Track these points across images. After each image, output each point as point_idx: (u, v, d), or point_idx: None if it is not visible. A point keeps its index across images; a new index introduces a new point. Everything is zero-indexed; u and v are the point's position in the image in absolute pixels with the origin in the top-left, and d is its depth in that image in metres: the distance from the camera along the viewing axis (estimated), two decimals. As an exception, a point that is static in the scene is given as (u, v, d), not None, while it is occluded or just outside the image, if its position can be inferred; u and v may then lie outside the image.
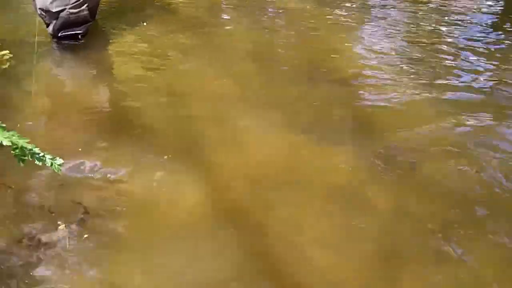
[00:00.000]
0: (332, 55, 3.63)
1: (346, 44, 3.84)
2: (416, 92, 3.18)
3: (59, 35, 3.56)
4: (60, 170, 1.62)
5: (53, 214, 2.18)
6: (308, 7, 4.41)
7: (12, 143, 1.52)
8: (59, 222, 2.13)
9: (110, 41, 3.75)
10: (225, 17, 4.38)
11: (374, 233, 2.22)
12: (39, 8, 3.49)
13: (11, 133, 1.54)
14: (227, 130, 2.82)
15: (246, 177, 2.48)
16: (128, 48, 3.63)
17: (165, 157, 2.56)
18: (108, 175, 2.42)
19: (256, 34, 3.95)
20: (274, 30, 4.04)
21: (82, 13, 3.53)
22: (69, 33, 3.57)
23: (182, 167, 2.50)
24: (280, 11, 4.32)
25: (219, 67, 3.42)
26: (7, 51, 3.30)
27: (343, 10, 4.35)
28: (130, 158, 2.57)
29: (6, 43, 3.40)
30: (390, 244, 2.19)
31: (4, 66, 3.19)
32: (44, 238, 2.07)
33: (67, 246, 2.04)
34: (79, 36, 3.61)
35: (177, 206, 2.29)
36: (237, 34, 3.96)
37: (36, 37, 3.09)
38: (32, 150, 1.57)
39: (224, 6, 4.57)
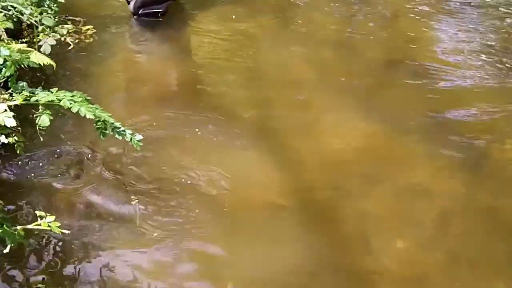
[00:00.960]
0: (411, 45, 3.52)
1: (426, 33, 3.71)
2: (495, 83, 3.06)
3: (140, 12, 3.63)
4: (140, 145, 1.67)
5: (127, 188, 2.25)
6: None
7: (95, 116, 1.57)
8: (132, 197, 2.20)
9: (190, 20, 3.77)
10: (307, 3, 4.32)
11: (459, 233, 2.17)
12: None
13: (94, 106, 1.60)
14: (304, 116, 2.80)
15: (320, 164, 2.48)
16: (207, 28, 3.64)
17: (240, 141, 2.58)
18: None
19: (337, 21, 3.88)
20: (354, 17, 3.95)
21: None
22: (149, 11, 3.63)
23: (257, 151, 2.51)
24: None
25: (299, 52, 3.39)
26: (91, 26, 3.41)
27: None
28: (206, 137, 2.59)
29: (90, 18, 3.51)
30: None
31: (88, 41, 3.30)
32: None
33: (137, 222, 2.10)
34: (159, 14, 3.67)
35: (251, 190, 2.31)
36: (318, 20, 3.90)
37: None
38: (113, 124, 1.62)
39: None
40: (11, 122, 1.38)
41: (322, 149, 2.56)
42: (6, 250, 1.58)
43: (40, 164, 2.32)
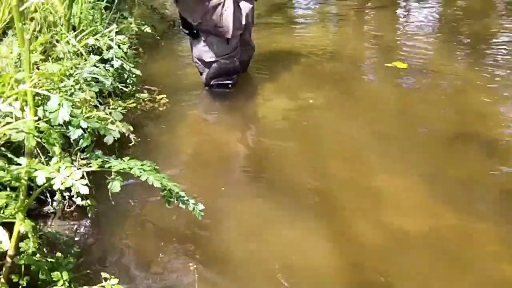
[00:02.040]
0: (482, 119, 3.47)
1: (497, 108, 3.65)
2: None
3: (211, 83, 3.83)
4: (201, 215, 1.74)
5: (187, 254, 2.31)
6: (455, 66, 4.32)
7: (162, 185, 1.66)
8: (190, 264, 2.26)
9: (257, 92, 3.95)
10: (368, 73, 4.40)
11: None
12: (195, 57, 3.80)
13: (162, 175, 1.69)
14: (366, 191, 2.77)
15: (381, 245, 2.41)
16: (273, 100, 3.79)
17: (297, 217, 2.59)
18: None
19: (403, 92, 3.93)
20: (421, 89, 3.98)
21: (232, 65, 3.78)
22: (220, 82, 3.83)
23: (315, 227, 2.50)
24: (424, 70, 4.26)
25: (359, 123, 3.44)
26: (164, 95, 3.63)
27: (493, 71, 4.17)
28: (263, 210, 2.64)
29: (164, 88, 3.74)
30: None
31: (161, 109, 3.51)
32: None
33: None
34: (229, 86, 3.85)
35: (307, 268, 2.28)
36: (380, 89, 3.96)
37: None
38: (178, 193, 1.71)
39: (368, 62, 4.62)
40: (85, 190, 1.49)
41: (384, 228, 2.50)
42: (73, 308, 1.67)
43: (109, 225, 2.43)
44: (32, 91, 1.58)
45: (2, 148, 2.14)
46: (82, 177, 1.53)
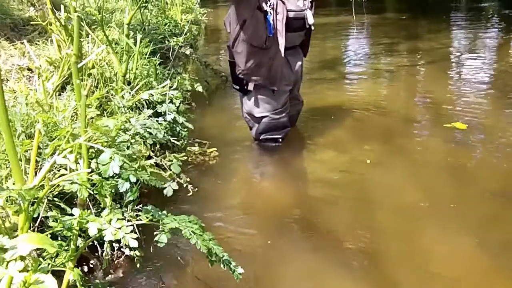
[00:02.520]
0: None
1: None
2: None
3: (260, 138, 3.89)
4: (240, 278, 1.77)
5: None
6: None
7: (208, 249, 1.69)
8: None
9: (306, 147, 3.98)
10: (417, 127, 4.37)
11: None
12: (245, 112, 3.88)
13: (209, 237, 1.73)
14: (412, 245, 2.74)
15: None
16: (321, 155, 3.81)
17: (348, 265, 2.58)
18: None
19: (452, 148, 3.87)
20: (472, 145, 3.92)
21: (282, 119, 3.84)
22: (269, 136, 3.88)
23: (362, 280, 2.48)
24: (478, 128, 4.19)
25: (410, 181, 3.40)
26: (215, 149, 3.72)
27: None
28: (309, 263, 2.63)
29: (215, 141, 3.83)
30: None
31: (211, 162, 3.59)
32: None
33: None
34: (279, 140, 3.90)
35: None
36: (432, 146, 3.92)
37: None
38: (223, 257, 1.74)
39: (419, 119, 4.58)
40: (134, 243, 1.53)
41: (429, 281, 2.45)
42: None
43: (154, 277, 2.48)
44: (87, 145, 1.67)
45: (56, 199, 2.24)
46: (133, 231, 1.58)
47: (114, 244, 2.49)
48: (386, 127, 4.31)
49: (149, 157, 2.92)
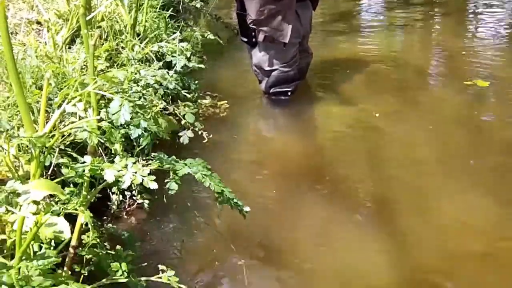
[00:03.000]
0: None
1: None
2: None
3: (270, 91, 3.88)
4: (245, 215, 1.80)
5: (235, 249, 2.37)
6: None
7: (220, 191, 1.72)
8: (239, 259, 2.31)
9: (316, 100, 3.97)
10: (433, 82, 4.32)
11: None
12: (254, 65, 3.87)
13: (213, 174, 1.75)
14: (424, 198, 2.74)
15: (437, 250, 2.39)
16: (331, 108, 3.80)
17: (358, 215, 2.62)
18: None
19: (467, 104, 3.83)
20: (489, 101, 3.88)
21: (291, 72, 3.81)
22: (279, 90, 3.87)
23: (370, 233, 2.51)
24: (499, 82, 4.13)
25: (422, 132, 3.39)
26: (225, 102, 3.72)
27: None
28: (319, 214, 2.66)
29: (226, 94, 3.83)
30: None
31: (222, 115, 3.60)
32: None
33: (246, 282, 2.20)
34: (288, 93, 3.89)
35: (359, 272, 2.29)
36: (446, 101, 3.88)
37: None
38: (232, 199, 1.77)
39: (431, 71, 4.53)
40: (154, 185, 1.54)
41: (441, 234, 2.47)
42: (131, 298, 1.76)
43: (164, 223, 2.54)
44: (96, 93, 1.68)
45: (68, 149, 2.28)
46: (150, 174, 1.59)
47: (126, 193, 2.55)
48: (400, 81, 4.26)
49: (163, 109, 2.94)
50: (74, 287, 1.28)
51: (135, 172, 1.54)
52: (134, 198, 2.54)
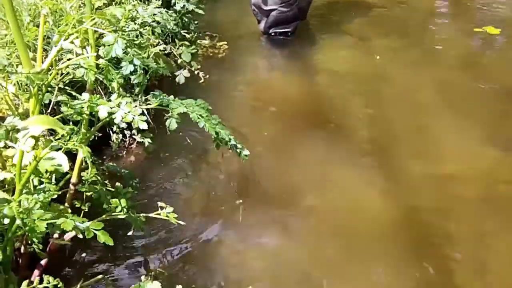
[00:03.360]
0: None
1: None
2: None
3: (270, 32, 3.83)
4: (246, 159, 1.81)
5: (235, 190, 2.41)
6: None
7: (215, 133, 1.72)
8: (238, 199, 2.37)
9: (317, 39, 3.92)
10: (438, 22, 4.26)
11: None
12: (253, 4, 3.80)
13: (216, 121, 1.75)
14: (423, 138, 2.79)
15: (435, 189, 2.44)
16: (333, 49, 3.77)
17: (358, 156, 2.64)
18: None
19: (468, 42, 3.79)
20: (487, 39, 3.83)
21: (291, 12, 3.75)
22: (278, 30, 3.82)
23: (372, 170, 2.55)
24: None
25: (426, 73, 3.39)
26: (225, 42, 3.68)
27: None
28: (318, 152, 2.69)
29: (225, 35, 3.78)
30: None
31: (221, 55, 3.57)
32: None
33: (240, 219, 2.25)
34: (288, 33, 3.84)
35: (358, 209, 2.34)
36: (448, 39, 3.84)
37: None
38: (229, 141, 1.77)
39: (438, 11, 4.45)
40: (144, 126, 1.55)
41: (438, 173, 2.52)
42: (130, 233, 1.80)
43: (164, 162, 2.57)
44: (93, 31, 1.67)
45: (67, 87, 2.28)
46: (142, 114, 1.60)
47: (126, 132, 2.56)
48: (405, 24, 4.20)
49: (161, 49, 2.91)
50: (73, 219, 1.31)
51: (128, 111, 1.55)
52: (134, 137, 2.56)
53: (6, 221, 1.33)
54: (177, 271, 1.99)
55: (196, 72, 2.92)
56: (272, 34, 3.85)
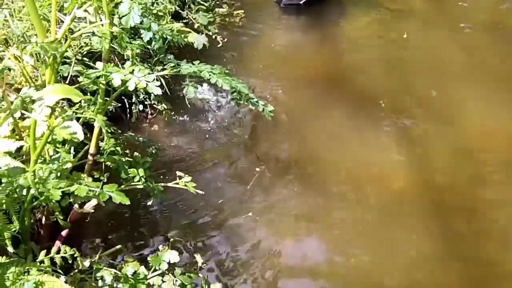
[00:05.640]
0: None
1: None
2: None
3: (282, 4, 3.74)
4: (271, 115, 1.77)
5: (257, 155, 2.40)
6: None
7: (231, 87, 1.69)
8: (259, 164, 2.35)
9: (334, 9, 3.79)
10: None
11: None
12: None
13: (232, 78, 1.72)
14: (445, 103, 2.73)
15: (455, 151, 2.41)
16: (351, 18, 3.66)
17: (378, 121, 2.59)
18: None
19: (501, 11, 3.67)
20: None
21: None
22: (290, 2, 3.71)
23: (389, 137, 2.52)
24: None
25: (449, 36, 3.29)
26: (242, 11, 3.61)
27: None
28: (338, 120, 2.65)
29: (242, 3, 3.70)
30: None
31: (238, 24, 3.50)
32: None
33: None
34: (301, 5, 3.71)
35: (378, 174, 2.33)
36: (473, 3, 3.72)
37: None
38: (248, 95, 1.74)
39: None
40: (158, 91, 1.53)
41: (459, 136, 2.48)
42: (150, 203, 1.79)
43: (182, 131, 2.57)
44: (107, -2, 1.64)
45: (85, 58, 2.27)
46: (156, 80, 1.57)
47: (146, 103, 2.55)
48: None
49: (176, 14, 2.87)
50: (87, 185, 1.30)
51: (142, 77, 1.53)
52: (154, 106, 2.55)
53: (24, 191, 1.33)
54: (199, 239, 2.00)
55: (214, 36, 2.89)
56: (285, 4, 3.74)
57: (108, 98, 1.72)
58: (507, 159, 2.34)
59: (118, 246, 1.79)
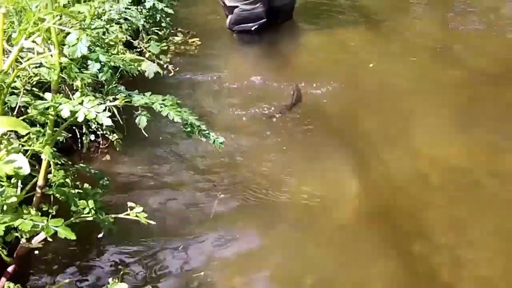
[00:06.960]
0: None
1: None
2: None
3: (233, 29, 3.77)
4: (222, 147, 1.78)
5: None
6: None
7: (182, 119, 1.68)
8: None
9: (287, 37, 3.91)
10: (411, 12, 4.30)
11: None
12: None
13: (183, 109, 1.71)
14: (397, 123, 2.83)
15: (408, 173, 2.47)
16: (306, 42, 3.78)
17: (326, 146, 2.64)
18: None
19: (437, 30, 3.83)
20: (461, 27, 3.88)
21: (255, 11, 3.67)
22: (242, 28, 3.74)
23: (344, 157, 2.56)
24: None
25: (397, 59, 3.47)
26: (197, 39, 3.63)
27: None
28: (292, 147, 2.68)
29: (198, 32, 3.73)
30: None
31: (193, 52, 3.51)
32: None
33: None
34: (252, 31, 3.75)
35: (332, 197, 2.35)
36: (420, 29, 3.90)
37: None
38: (199, 126, 1.73)
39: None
40: (108, 121, 1.51)
41: (410, 157, 2.56)
42: (100, 235, 1.75)
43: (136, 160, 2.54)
44: (55, 29, 1.62)
45: (34, 88, 2.23)
46: (106, 110, 1.55)
47: (98, 133, 2.52)
48: (374, 13, 4.21)
49: (128, 43, 2.87)
50: (31, 219, 1.26)
51: (91, 108, 1.51)
52: (106, 136, 2.52)
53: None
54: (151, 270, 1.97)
55: (165, 65, 2.91)
56: (237, 31, 3.77)
57: (57, 129, 1.70)
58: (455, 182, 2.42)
59: (67, 280, 1.75)
